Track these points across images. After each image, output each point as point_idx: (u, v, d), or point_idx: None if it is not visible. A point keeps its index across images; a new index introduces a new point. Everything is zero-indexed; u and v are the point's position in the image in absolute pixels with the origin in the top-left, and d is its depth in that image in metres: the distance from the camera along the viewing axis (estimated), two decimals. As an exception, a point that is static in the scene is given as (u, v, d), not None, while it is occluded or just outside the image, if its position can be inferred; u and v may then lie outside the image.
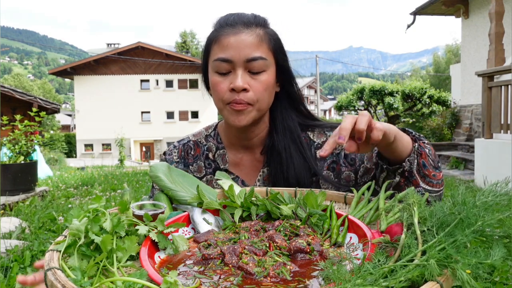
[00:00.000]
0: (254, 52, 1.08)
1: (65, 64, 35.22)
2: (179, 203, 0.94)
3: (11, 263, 3.03)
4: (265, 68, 1.10)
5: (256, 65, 1.08)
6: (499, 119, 6.44)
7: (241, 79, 1.07)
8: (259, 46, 1.09)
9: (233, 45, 1.07)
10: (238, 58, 1.07)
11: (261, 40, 1.10)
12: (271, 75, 1.12)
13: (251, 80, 1.09)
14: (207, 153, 1.27)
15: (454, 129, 13.37)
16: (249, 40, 1.08)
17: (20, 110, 13.51)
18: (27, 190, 5.87)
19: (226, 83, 1.09)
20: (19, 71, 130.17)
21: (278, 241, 0.73)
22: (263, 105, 1.13)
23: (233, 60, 1.08)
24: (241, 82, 1.07)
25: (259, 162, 1.24)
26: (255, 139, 1.23)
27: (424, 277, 0.54)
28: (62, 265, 0.63)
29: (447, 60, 35.34)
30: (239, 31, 1.09)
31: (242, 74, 1.08)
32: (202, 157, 1.27)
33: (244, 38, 1.08)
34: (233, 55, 1.07)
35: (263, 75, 1.10)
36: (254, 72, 1.09)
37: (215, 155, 1.26)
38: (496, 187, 0.65)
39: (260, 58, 1.08)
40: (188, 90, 31.13)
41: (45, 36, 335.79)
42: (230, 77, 1.09)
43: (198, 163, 1.26)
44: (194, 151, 1.28)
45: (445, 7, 11.80)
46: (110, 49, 34.92)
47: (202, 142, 1.29)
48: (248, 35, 1.09)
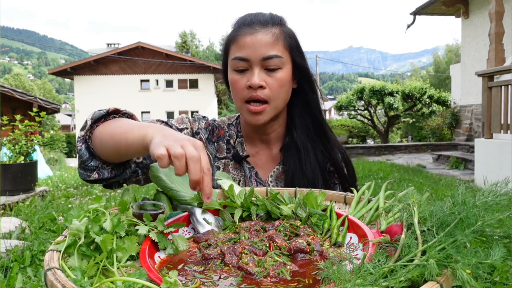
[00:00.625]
0: (269, 50, 1.12)
1: (65, 64, 35.22)
2: (179, 203, 0.94)
3: (11, 263, 3.03)
4: (281, 65, 1.14)
5: (271, 63, 1.13)
6: (499, 119, 6.43)
7: (257, 76, 1.12)
8: (274, 45, 1.13)
9: (250, 45, 1.13)
10: (254, 57, 1.12)
11: (277, 39, 1.14)
12: (286, 72, 1.16)
13: (267, 78, 1.13)
14: (229, 138, 1.31)
15: (454, 129, 13.38)
16: (265, 39, 1.13)
17: (20, 110, 13.51)
18: (27, 190, 5.87)
19: (244, 81, 1.14)
20: (19, 71, 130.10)
21: (278, 241, 0.73)
22: (279, 102, 1.17)
23: (249, 59, 1.13)
24: (258, 80, 1.11)
25: (275, 159, 1.29)
26: (272, 134, 1.28)
27: (424, 277, 0.54)
28: (62, 265, 0.63)
29: (447, 60, 35.34)
30: (256, 31, 1.14)
31: (259, 72, 1.13)
32: (225, 140, 1.31)
33: (260, 37, 1.13)
34: (250, 54, 1.12)
35: (279, 72, 1.14)
36: (270, 69, 1.13)
37: (235, 142, 1.31)
38: (496, 187, 0.65)
39: (276, 56, 1.13)
40: (188, 90, 31.13)
41: (45, 36, 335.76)
42: (247, 75, 1.14)
43: (220, 144, 1.31)
44: (218, 131, 1.32)
45: (445, 7, 11.80)
46: (110, 49, 34.90)
47: (225, 128, 1.34)
48: (264, 35, 1.13)
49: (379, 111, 18.92)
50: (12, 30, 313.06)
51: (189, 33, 51.69)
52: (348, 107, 18.06)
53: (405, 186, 6.64)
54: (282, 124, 1.27)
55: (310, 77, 1.24)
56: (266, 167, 1.29)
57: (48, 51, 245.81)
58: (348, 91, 20.52)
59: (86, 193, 7.20)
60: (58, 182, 8.47)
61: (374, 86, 17.20)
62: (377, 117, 18.88)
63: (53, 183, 8.21)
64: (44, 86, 61.48)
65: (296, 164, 1.22)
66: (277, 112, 1.19)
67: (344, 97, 18.54)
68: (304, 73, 1.22)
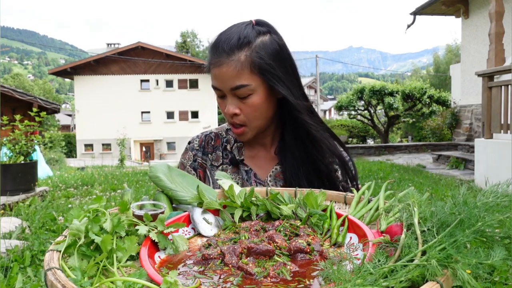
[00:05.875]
0: (235, 81, 1.13)
1: (65, 64, 35.23)
2: (179, 203, 0.94)
3: (11, 263, 3.03)
4: (251, 92, 1.15)
5: (240, 92, 1.15)
6: (499, 119, 6.43)
7: (230, 105, 1.17)
8: (239, 75, 1.13)
9: (218, 77, 1.16)
10: (224, 88, 1.16)
11: (241, 68, 1.12)
12: (260, 95, 1.16)
13: (241, 104, 1.17)
14: (226, 144, 1.36)
15: (454, 129, 13.38)
16: (229, 72, 1.13)
17: (20, 110, 13.51)
18: (27, 190, 5.87)
19: (224, 105, 1.20)
20: (19, 71, 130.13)
21: (278, 241, 0.73)
22: (257, 122, 1.20)
23: (221, 89, 1.17)
24: (231, 109, 1.17)
25: (273, 159, 1.32)
26: (267, 138, 1.32)
27: (424, 277, 0.54)
28: (62, 265, 0.63)
29: (447, 60, 35.32)
30: (221, 63, 1.14)
31: (231, 100, 1.17)
32: (221, 148, 1.36)
33: (225, 70, 1.14)
34: (220, 85, 1.17)
35: (251, 98, 1.16)
36: (241, 97, 1.16)
37: (233, 147, 1.34)
38: (497, 188, 0.65)
39: (242, 86, 1.14)
40: (188, 90, 31.14)
41: (45, 36, 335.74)
42: (225, 102, 1.19)
43: (217, 153, 1.36)
44: (214, 142, 1.37)
45: (445, 7, 11.80)
46: (110, 49, 34.90)
47: (223, 135, 1.38)
48: (227, 67, 1.13)
49: (379, 111, 18.94)
50: (12, 30, 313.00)
51: (190, 33, 51.73)
52: (348, 107, 18.08)
53: (405, 186, 6.64)
54: (276, 129, 1.31)
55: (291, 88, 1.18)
56: (265, 167, 1.32)
57: (48, 51, 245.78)
58: (348, 91, 20.53)
59: (86, 193, 7.20)
60: (58, 182, 8.47)
61: (374, 86, 17.22)
62: (377, 117, 18.89)
63: (53, 183, 8.21)
64: (44, 86, 61.40)
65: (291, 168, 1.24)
66: (261, 130, 1.24)
67: (344, 97, 18.55)
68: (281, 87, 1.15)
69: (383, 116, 19.43)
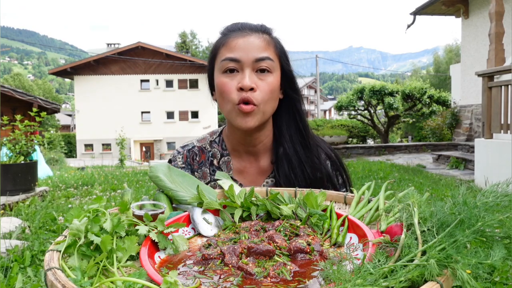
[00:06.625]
0: (262, 52, 1.14)
1: (65, 64, 35.20)
2: (179, 203, 0.94)
3: (11, 263, 3.03)
4: (272, 69, 1.15)
5: (264, 64, 1.13)
6: (499, 119, 6.43)
7: (249, 78, 1.11)
8: (266, 48, 1.15)
9: (242, 46, 1.13)
10: (246, 59, 1.12)
11: (268, 44, 1.17)
12: (276, 78, 1.17)
13: (258, 81, 1.13)
14: (212, 159, 1.28)
15: (454, 129, 13.37)
16: (257, 42, 1.15)
17: (20, 110, 13.51)
18: (27, 190, 5.87)
19: (234, 83, 1.13)
20: (19, 71, 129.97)
21: (278, 241, 0.73)
22: (267, 107, 1.16)
23: (241, 60, 1.12)
24: (249, 82, 1.10)
25: (265, 171, 1.26)
26: (259, 145, 1.25)
27: (424, 277, 0.54)
28: (62, 265, 0.63)
29: (447, 60, 35.32)
30: (248, 34, 1.15)
31: (250, 74, 1.12)
32: (207, 163, 1.28)
33: (252, 40, 1.14)
34: (242, 56, 1.13)
35: (270, 76, 1.14)
36: (262, 70, 1.13)
37: (220, 162, 1.27)
38: (497, 187, 0.65)
39: (268, 58, 1.14)
40: (188, 90, 31.12)
41: (45, 36, 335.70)
42: (237, 77, 1.13)
43: (203, 169, 1.28)
44: (199, 157, 1.29)
45: (445, 7, 11.80)
46: (110, 49, 34.88)
47: (207, 148, 1.30)
48: (256, 38, 1.15)
49: (379, 111, 18.93)
50: (12, 30, 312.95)
51: (190, 33, 51.71)
52: (348, 107, 18.06)
53: (405, 186, 6.64)
54: (269, 136, 1.25)
55: (296, 86, 1.24)
56: (256, 180, 1.26)
57: (48, 51, 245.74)
58: (348, 91, 20.53)
59: (86, 193, 7.20)
60: (58, 182, 8.47)
61: (374, 86, 17.21)
62: (377, 117, 18.88)
63: (53, 183, 8.21)
64: (44, 86, 61.39)
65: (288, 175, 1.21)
66: (265, 118, 1.17)
67: (344, 97, 18.54)
68: (291, 81, 1.23)
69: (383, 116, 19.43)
